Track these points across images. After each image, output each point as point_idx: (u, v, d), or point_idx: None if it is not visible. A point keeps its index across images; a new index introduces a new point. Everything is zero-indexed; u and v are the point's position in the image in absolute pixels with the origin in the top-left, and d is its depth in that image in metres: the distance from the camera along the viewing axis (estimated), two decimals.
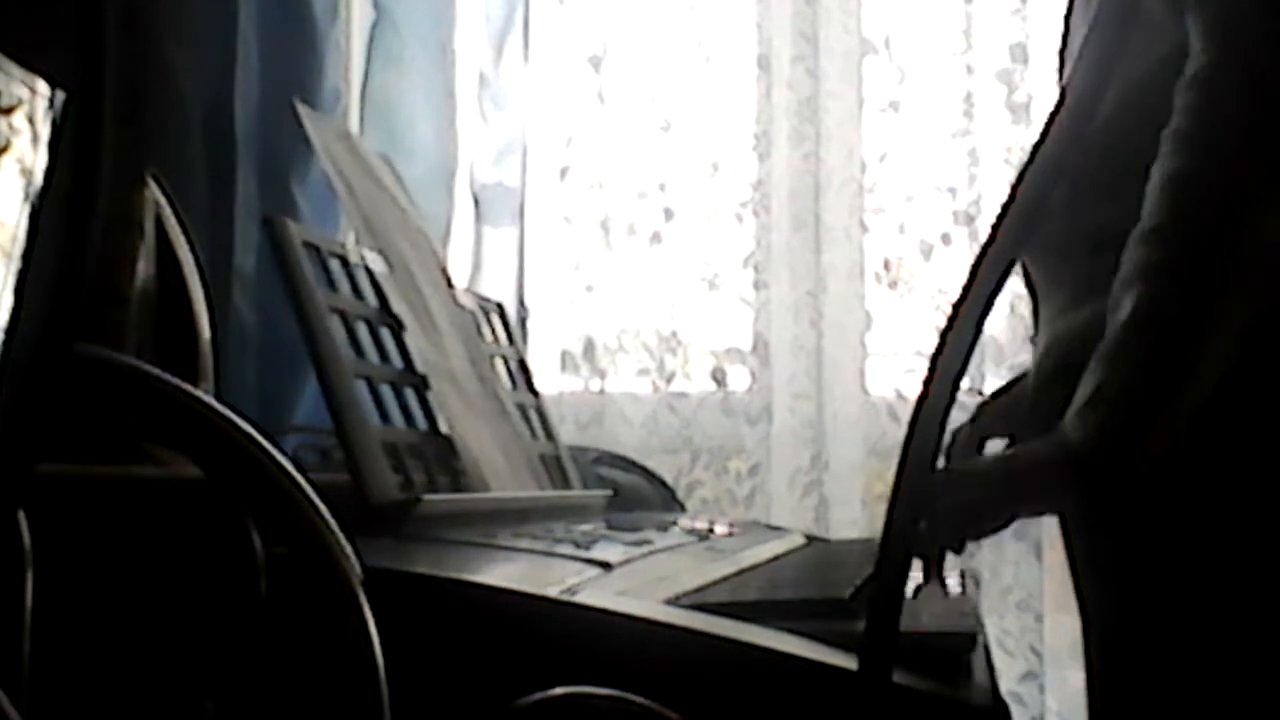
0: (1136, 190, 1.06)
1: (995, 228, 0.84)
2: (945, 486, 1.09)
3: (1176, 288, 1.04)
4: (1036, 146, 0.83)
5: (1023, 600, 2.31)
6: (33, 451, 0.66)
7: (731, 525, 1.59)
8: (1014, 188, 0.83)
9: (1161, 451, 1.04)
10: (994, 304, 0.82)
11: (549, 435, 1.65)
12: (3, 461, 0.64)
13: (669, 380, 2.45)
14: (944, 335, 0.81)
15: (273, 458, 0.73)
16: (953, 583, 1.21)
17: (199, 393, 0.74)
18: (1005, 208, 0.84)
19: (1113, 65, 0.84)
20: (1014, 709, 1.69)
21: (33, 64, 0.65)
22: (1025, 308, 2.20)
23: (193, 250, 1.09)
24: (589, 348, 2.45)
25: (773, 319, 2.43)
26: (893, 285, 2.45)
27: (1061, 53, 1.30)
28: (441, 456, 1.30)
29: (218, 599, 0.77)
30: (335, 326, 1.21)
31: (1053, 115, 0.83)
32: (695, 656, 0.82)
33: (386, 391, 1.27)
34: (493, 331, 1.68)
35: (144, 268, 0.98)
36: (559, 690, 0.77)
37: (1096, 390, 1.06)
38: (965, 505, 1.10)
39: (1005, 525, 1.14)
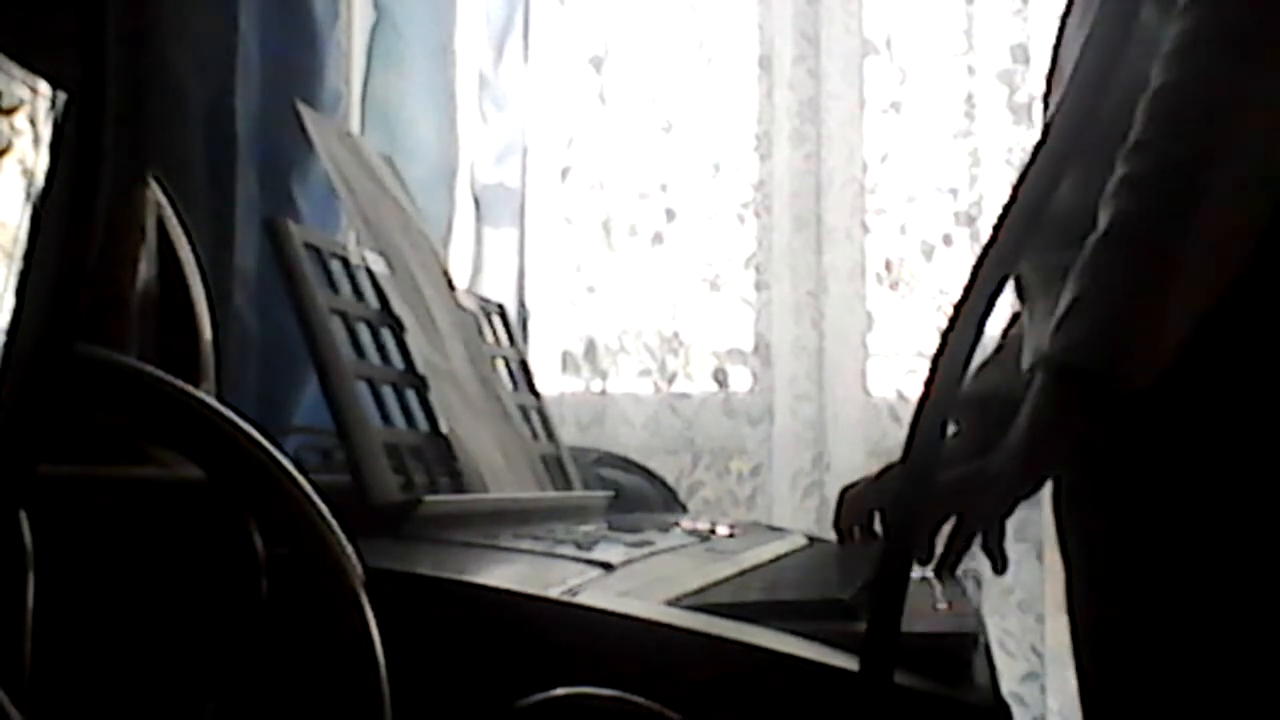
0: None
1: (996, 228, 0.84)
2: (965, 485, 1.09)
3: (1155, 198, 1.04)
4: (1037, 146, 0.83)
5: (1024, 601, 2.31)
6: (34, 452, 0.66)
7: (733, 526, 1.59)
8: (1015, 188, 0.83)
9: (1150, 365, 1.04)
10: (995, 305, 0.82)
11: (550, 436, 1.65)
12: (4, 462, 0.64)
13: (670, 381, 2.45)
14: (945, 336, 0.81)
15: (274, 458, 0.73)
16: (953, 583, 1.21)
17: (200, 393, 0.74)
18: (1006, 208, 0.84)
19: (1114, 65, 0.84)
20: (1015, 710, 1.69)
21: (34, 65, 0.65)
22: None
23: (194, 251, 1.09)
24: (590, 348, 2.45)
25: (774, 320, 2.43)
26: (894, 286, 2.45)
27: (1055, 52, 1.30)
28: (442, 457, 1.30)
29: (219, 600, 0.77)
30: (336, 327, 1.21)
31: (1053, 115, 0.83)
32: (697, 657, 0.82)
33: (387, 392, 1.27)
34: (494, 332, 1.68)
35: (145, 268, 0.98)
36: (560, 691, 0.77)
37: (1075, 301, 1.05)
38: (995, 484, 1.10)
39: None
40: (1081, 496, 1.19)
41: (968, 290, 0.82)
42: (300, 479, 0.73)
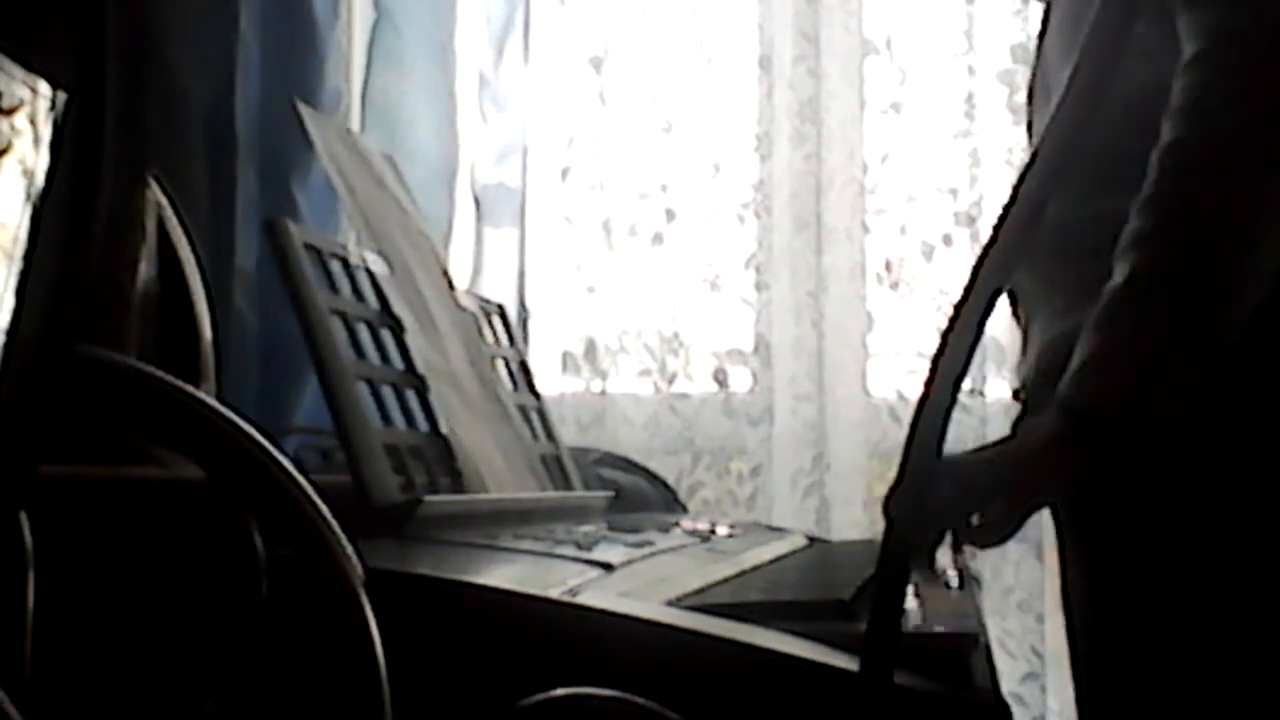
0: (1135, 181, 1.07)
1: (996, 229, 0.84)
2: (948, 475, 1.09)
3: (1171, 253, 1.05)
4: (1037, 147, 0.83)
5: (1024, 601, 2.31)
6: (34, 453, 0.66)
7: (733, 526, 1.59)
8: (1015, 188, 0.83)
9: (1168, 415, 1.04)
10: (995, 305, 0.82)
11: (550, 436, 1.65)
12: (4, 462, 0.64)
13: (670, 381, 2.45)
14: (945, 336, 0.81)
15: (274, 459, 0.73)
16: (951, 574, 1.21)
17: (200, 394, 0.74)
18: (1006, 208, 0.84)
19: (1109, 79, 0.85)
20: (1016, 710, 1.68)
21: (34, 65, 0.65)
22: None
23: (194, 251, 1.09)
24: (590, 349, 2.45)
25: (774, 320, 2.43)
26: (894, 286, 2.45)
27: (1039, 44, 1.30)
28: (442, 458, 1.30)
29: (219, 600, 0.77)
30: (336, 328, 1.21)
31: (1054, 115, 0.83)
32: (697, 658, 0.82)
33: (387, 393, 1.27)
34: (494, 333, 1.68)
35: (145, 269, 0.98)
36: (561, 691, 0.77)
37: (1094, 354, 1.06)
38: (970, 492, 1.10)
39: (1016, 521, 1.13)
40: (1081, 496, 1.19)
41: (968, 290, 0.82)
42: (300, 479, 0.74)
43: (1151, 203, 1.05)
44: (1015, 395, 1.28)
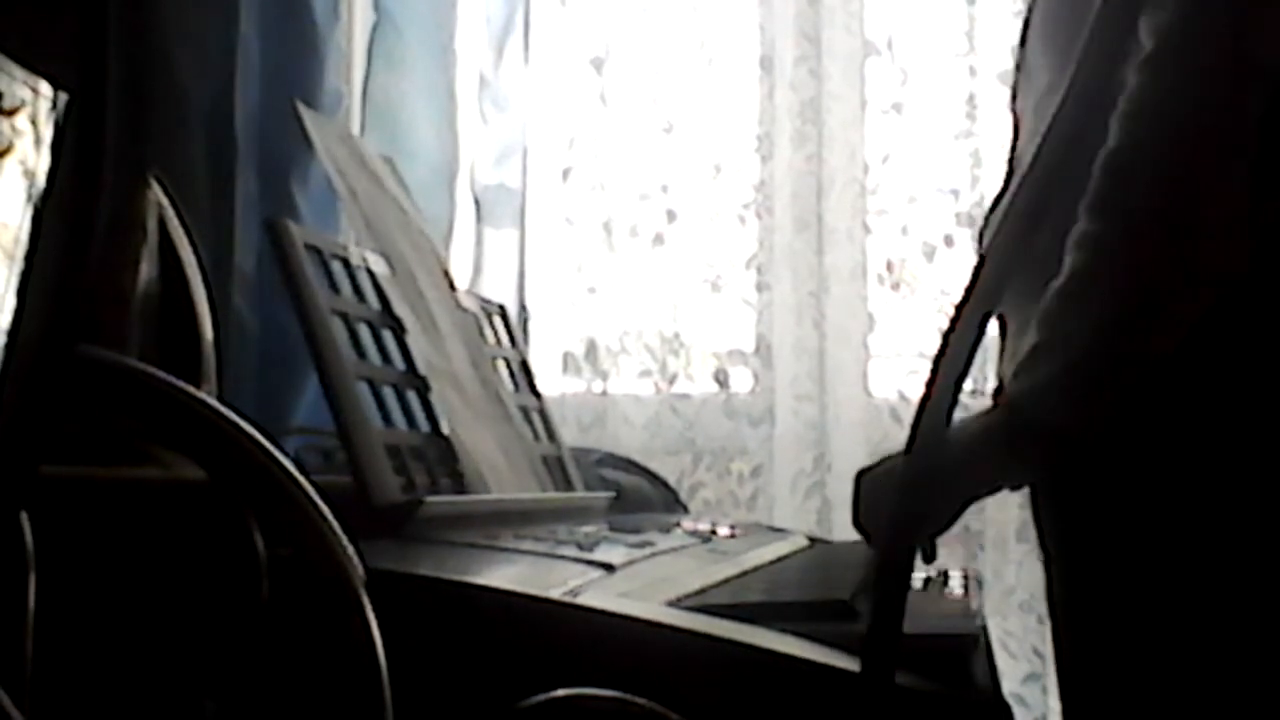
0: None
1: (998, 229, 0.84)
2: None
3: (1104, 258, 1.07)
4: (1039, 148, 0.83)
5: (1025, 601, 2.31)
6: (35, 453, 0.66)
7: (734, 527, 1.59)
8: (1016, 190, 0.83)
9: (1083, 423, 1.06)
10: (996, 306, 0.82)
11: (551, 437, 1.65)
12: (5, 463, 0.64)
13: (671, 382, 2.45)
14: (946, 337, 0.81)
15: (275, 459, 0.73)
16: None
17: (201, 394, 0.74)
18: (1007, 209, 0.84)
19: (1112, 76, 0.85)
20: (1017, 710, 1.68)
21: (36, 66, 0.65)
22: None
23: (195, 251, 1.09)
24: (591, 349, 2.45)
25: (775, 320, 2.42)
26: (895, 287, 2.45)
27: (1022, 42, 1.31)
28: (443, 458, 1.30)
29: (220, 601, 0.77)
30: (337, 328, 1.21)
31: (1055, 117, 0.83)
32: (698, 658, 0.82)
33: (389, 393, 1.27)
34: (494, 333, 1.67)
35: (146, 269, 0.98)
36: (561, 692, 0.77)
37: (1030, 351, 1.07)
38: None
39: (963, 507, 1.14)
40: (1057, 489, 1.20)
41: (969, 291, 0.82)
42: (302, 480, 0.74)
43: (1091, 207, 1.07)
44: (994, 395, 1.28)
